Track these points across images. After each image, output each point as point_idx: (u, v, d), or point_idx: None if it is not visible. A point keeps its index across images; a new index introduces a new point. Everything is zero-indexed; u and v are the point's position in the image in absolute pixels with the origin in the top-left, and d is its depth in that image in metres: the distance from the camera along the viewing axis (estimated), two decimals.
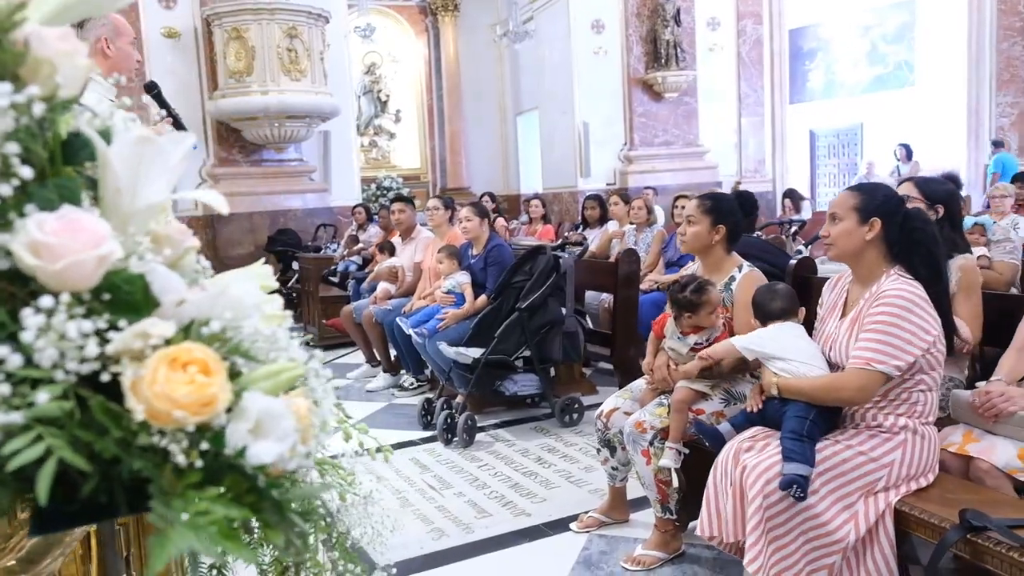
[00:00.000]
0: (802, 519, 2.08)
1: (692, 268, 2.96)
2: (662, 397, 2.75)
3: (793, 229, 6.81)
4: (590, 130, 12.30)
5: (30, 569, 0.85)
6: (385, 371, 5.46)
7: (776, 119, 14.56)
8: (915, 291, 2.12)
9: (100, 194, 0.64)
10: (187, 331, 0.63)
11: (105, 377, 0.56)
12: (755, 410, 2.31)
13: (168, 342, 0.61)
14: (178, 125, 2.73)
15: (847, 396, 2.15)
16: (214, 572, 1.27)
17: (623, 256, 4.77)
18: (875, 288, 2.18)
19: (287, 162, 9.30)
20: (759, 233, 5.10)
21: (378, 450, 1.17)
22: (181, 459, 0.55)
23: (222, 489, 0.58)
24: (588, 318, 5.70)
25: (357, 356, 6.11)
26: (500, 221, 8.41)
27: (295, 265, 7.96)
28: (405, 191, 14.42)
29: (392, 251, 5.86)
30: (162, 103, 2.77)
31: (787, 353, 2.29)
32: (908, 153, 12.37)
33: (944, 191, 2.79)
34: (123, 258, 0.61)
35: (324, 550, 1.28)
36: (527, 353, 4.30)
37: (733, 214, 2.82)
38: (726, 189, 13.21)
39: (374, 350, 5.64)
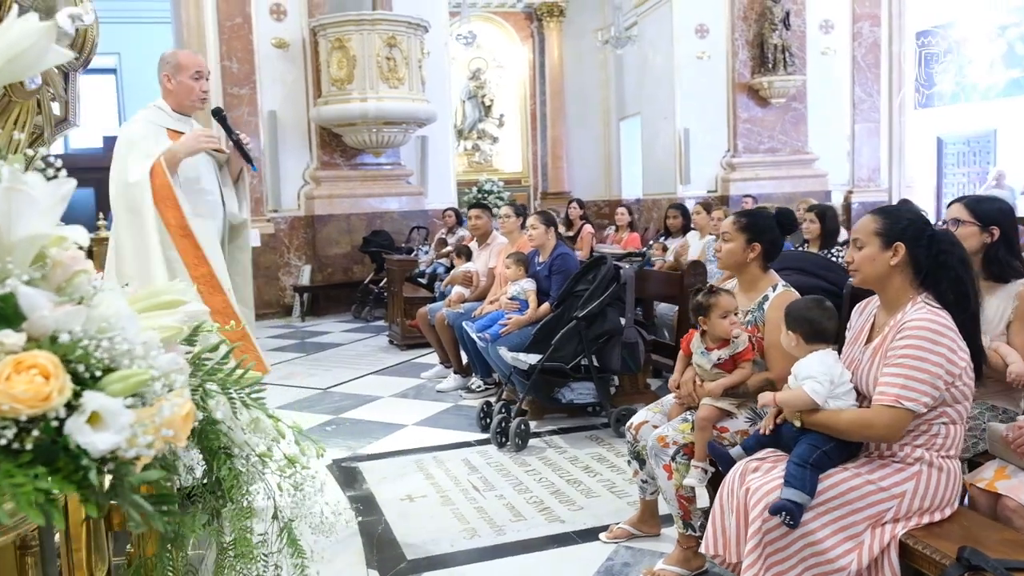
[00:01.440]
0: (802, 545, 2.05)
1: (729, 284, 2.93)
2: (687, 413, 2.75)
3: None
4: (691, 136, 12.12)
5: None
6: (456, 373, 5.62)
7: (894, 125, 13.84)
8: (940, 321, 2.03)
9: None
10: (48, 341, 0.75)
11: None
12: (767, 432, 2.29)
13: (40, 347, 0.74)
14: (240, 149, 3.04)
15: (876, 434, 2.06)
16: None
17: (689, 268, 4.72)
18: (900, 316, 2.10)
19: (384, 166, 9.67)
20: (838, 248, 4.92)
21: (303, 468, 1.28)
22: (3, 442, 0.68)
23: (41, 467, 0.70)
24: (665, 330, 5.67)
25: (435, 356, 6.29)
26: (587, 228, 8.43)
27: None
28: (506, 195, 14.66)
29: (468, 256, 6.02)
30: (227, 129, 3.07)
31: (836, 388, 2.19)
32: None
33: (997, 211, 2.63)
34: None
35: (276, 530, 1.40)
36: (585, 362, 4.34)
37: (770, 232, 2.79)
38: (836, 198, 12.73)
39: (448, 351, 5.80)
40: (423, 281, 7.65)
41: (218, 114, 3.11)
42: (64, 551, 1.34)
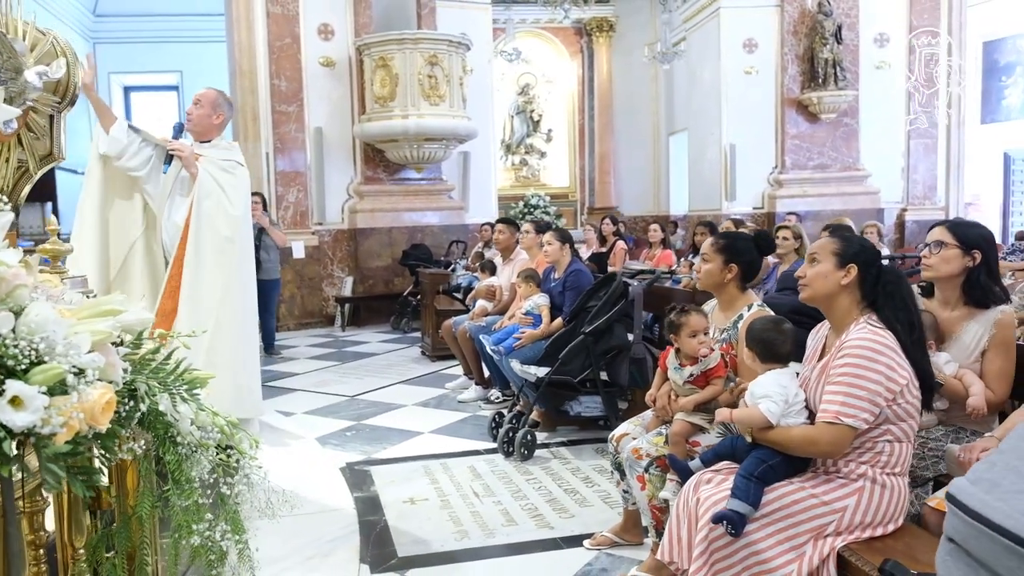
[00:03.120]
0: (746, 553, 2.14)
1: (709, 305, 3.04)
2: (662, 427, 2.86)
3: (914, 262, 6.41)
4: (737, 152, 12.07)
5: None
6: (477, 384, 5.78)
7: (952, 141, 13.51)
8: (879, 339, 2.12)
9: None
10: None
11: None
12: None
13: None
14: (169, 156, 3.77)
15: (821, 450, 2.15)
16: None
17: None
18: (844, 336, 2.20)
19: (425, 181, 9.95)
20: None
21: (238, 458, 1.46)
22: None
23: None
24: None
25: (461, 368, 6.46)
26: (620, 244, 8.53)
27: None
28: (552, 209, 14.83)
29: (493, 270, 6.20)
30: (176, 137, 3.81)
31: (790, 408, 2.28)
32: None
33: (979, 236, 2.66)
34: None
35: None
36: (593, 375, 4.45)
37: (746, 253, 2.89)
38: (889, 217, 12.51)
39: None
40: (459, 295, 7.84)
41: (175, 125, 3.88)
42: (58, 528, 1.56)
